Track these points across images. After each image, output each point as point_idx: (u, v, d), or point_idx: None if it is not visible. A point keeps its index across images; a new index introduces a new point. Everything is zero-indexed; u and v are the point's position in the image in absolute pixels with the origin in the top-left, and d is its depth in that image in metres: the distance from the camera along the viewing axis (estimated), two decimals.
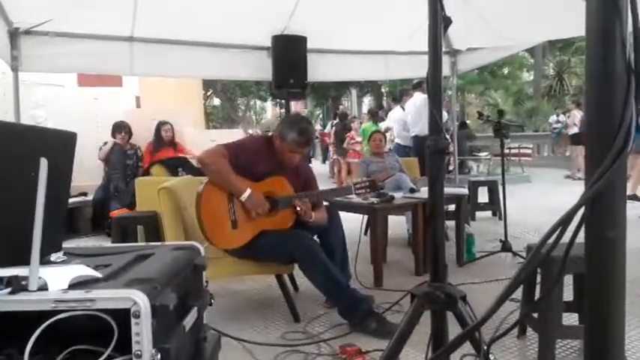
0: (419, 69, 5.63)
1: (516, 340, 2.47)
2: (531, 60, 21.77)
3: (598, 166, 0.78)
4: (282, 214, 2.84)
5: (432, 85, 1.52)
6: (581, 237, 0.81)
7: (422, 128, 6.07)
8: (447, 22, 1.52)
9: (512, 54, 9.52)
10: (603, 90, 0.79)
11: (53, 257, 1.29)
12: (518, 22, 4.65)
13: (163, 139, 5.92)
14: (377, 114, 9.44)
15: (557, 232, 0.80)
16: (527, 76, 23.68)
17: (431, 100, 1.53)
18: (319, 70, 5.36)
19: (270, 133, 3.05)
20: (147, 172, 5.37)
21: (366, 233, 4.03)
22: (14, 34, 4.23)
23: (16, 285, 1.03)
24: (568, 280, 2.38)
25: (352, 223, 3.66)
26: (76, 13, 4.13)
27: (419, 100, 6.26)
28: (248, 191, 2.71)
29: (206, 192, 2.72)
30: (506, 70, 20.91)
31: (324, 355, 2.40)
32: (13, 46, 4.24)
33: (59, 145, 1.28)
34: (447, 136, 1.54)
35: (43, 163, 1.08)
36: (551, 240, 0.82)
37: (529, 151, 12.58)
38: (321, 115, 30.50)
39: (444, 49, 4.23)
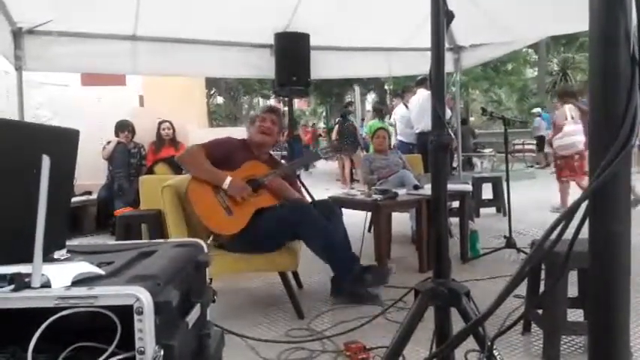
0: (422, 65, 5.62)
1: (521, 336, 2.46)
2: (535, 56, 21.68)
3: (602, 160, 0.77)
4: (268, 191, 2.97)
5: (435, 80, 1.51)
6: (585, 232, 0.80)
7: (426, 125, 6.04)
8: (450, 17, 1.51)
9: (516, 50, 9.51)
10: (607, 82, 0.79)
11: (56, 255, 1.29)
12: (522, 17, 4.63)
13: (163, 138, 5.96)
14: (381, 111, 9.41)
15: (560, 227, 0.79)
16: (531, 72, 23.58)
17: (434, 96, 1.52)
18: (322, 67, 5.36)
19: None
20: (150, 171, 5.38)
21: (369, 230, 4.03)
22: (18, 34, 4.24)
23: (19, 282, 1.03)
24: (573, 277, 2.37)
25: (356, 219, 3.66)
26: (79, 12, 4.14)
27: (422, 96, 6.23)
28: (228, 179, 2.84)
29: (191, 189, 2.83)
30: (510, 67, 20.82)
31: (329, 352, 2.40)
32: (16, 45, 4.25)
33: (62, 143, 1.28)
34: (451, 133, 1.53)
35: (45, 160, 1.07)
36: (554, 235, 0.82)
37: (533, 147, 12.56)
38: (324, 113, 30.45)
39: (447, 46, 4.24)
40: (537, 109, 14.51)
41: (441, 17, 1.50)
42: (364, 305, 2.94)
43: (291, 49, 4.93)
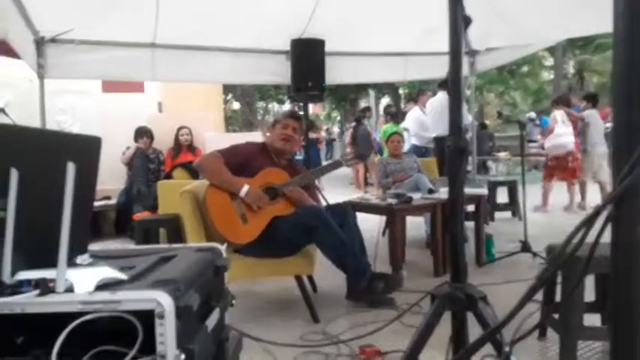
0: (437, 70, 5.61)
1: (537, 341, 2.45)
2: (551, 59, 21.43)
3: (625, 164, 0.77)
4: (285, 200, 2.98)
5: (453, 85, 1.52)
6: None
7: (445, 129, 5.98)
8: (468, 21, 1.52)
9: (532, 53, 9.44)
10: (630, 86, 0.79)
11: (79, 260, 1.31)
12: (537, 20, 4.59)
13: (181, 143, 6.03)
14: (396, 115, 9.38)
15: (582, 232, 0.79)
16: (547, 75, 23.32)
17: (451, 100, 1.53)
18: (338, 72, 5.38)
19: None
20: (169, 176, 5.44)
21: (384, 234, 4.03)
22: (40, 43, 4.34)
23: (44, 287, 1.05)
24: (589, 281, 2.35)
25: (370, 224, 3.66)
26: (99, 21, 4.22)
27: (441, 99, 6.17)
28: (245, 187, 2.84)
29: (209, 195, 2.85)
30: (525, 69, 20.63)
31: (344, 355, 2.41)
32: (39, 54, 4.35)
33: (85, 150, 1.31)
34: (467, 137, 1.55)
35: (71, 167, 1.10)
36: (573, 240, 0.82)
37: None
38: (338, 118, 30.47)
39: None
40: (530, 114, 14.35)
41: (459, 22, 1.51)
42: (379, 309, 2.95)
43: (307, 55, 4.96)
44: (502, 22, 4.60)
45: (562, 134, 6.38)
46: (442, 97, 6.24)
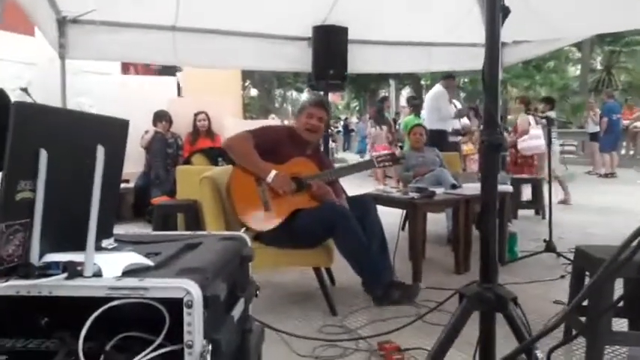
0: (461, 61, 5.53)
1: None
2: (578, 54, 21.03)
3: None
4: (309, 193, 2.92)
5: (488, 78, 1.46)
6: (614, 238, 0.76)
7: (430, 122, 5.93)
8: (506, 11, 1.46)
9: (559, 48, 9.33)
10: None
11: (104, 243, 1.29)
12: (567, 14, 4.48)
13: (199, 129, 6.01)
14: (419, 106, 9.25)
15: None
16: (574, 70, 22.89)
17: (487, 94, 1.47)
18: (360, 61, 5.32)
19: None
20: (187, 162, 5.44)
21: (403, 228, 3.98)
22: (62, 23, 4.34)
23: (73, 270, 1.04)
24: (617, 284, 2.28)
25: (391, 217, 3.61)
26: (121, 2, 4.20)
27: (434, 92, 6.20)
28: (273, 172, 2.80)
29: (235, 177, 2.82)
30: (552, 64, 20.26)
31: (362, 350, 2.38)
32: (61, 34, 4.35)
33: (113, 133, 1.28)
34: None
35: (100, 150, 1.08)
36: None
37: (573, 149, 12.22)
38: (357, 107, 30.31)
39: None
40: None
41: (497, 12, 1.46)
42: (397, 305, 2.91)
43: (329, 43, 4.90)
44: (532, 15, 4.48)
45: (537, 136, 6.47)
46: (437, 89, 6.21)
